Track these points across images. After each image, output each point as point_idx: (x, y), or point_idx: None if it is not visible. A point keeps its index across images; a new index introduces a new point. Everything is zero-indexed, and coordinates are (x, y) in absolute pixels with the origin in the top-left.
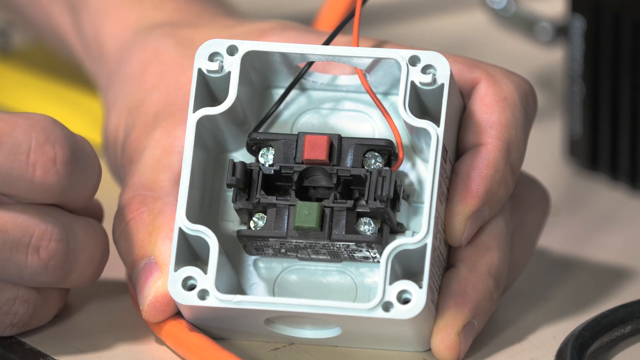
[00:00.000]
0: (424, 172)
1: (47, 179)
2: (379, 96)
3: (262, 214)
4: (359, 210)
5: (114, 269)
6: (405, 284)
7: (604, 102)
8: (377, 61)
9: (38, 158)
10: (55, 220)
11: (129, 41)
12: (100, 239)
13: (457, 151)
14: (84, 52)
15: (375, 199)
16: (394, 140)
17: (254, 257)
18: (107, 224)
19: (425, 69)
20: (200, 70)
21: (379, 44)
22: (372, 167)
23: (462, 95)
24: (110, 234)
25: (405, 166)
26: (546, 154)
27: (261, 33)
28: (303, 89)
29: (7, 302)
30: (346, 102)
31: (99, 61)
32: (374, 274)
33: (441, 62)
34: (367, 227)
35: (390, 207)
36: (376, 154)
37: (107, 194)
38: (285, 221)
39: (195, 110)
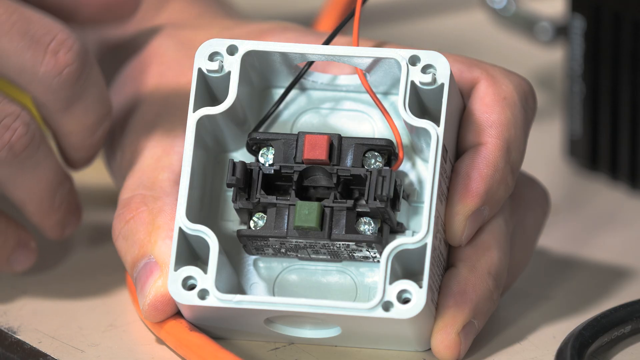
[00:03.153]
0: (424, 171)
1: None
2: (379, 96)
3: (262, 214)
4: (359, 210)
5: (114, 269)
6: (405, 284)
7: (604, 102)
8: (377, 61)
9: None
10: (78, 37)
11: (129, 42)
12: (107, 99)
13: (457, 151)
14: None
15: (375, 199)
16: (394, 140)
17: (254, 257)
18: (107, 223)
19: (425, 69)
20: (200, 70)
21: (379, 45)
22: (372, 166)
23: (462, 94)
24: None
25: (405, 166)
26: (546, 154)
27: (261, 34)
28: (303, 89)
29: (10, 115)
30: (346, 102)
31: (99, 61)
32: (374, 274)
33: (441, 61)
34: (367, 226)
35: (390, 206)
36: (376, 153)
37: (107, 193)
38: (285, 221)
39: (195, 110)
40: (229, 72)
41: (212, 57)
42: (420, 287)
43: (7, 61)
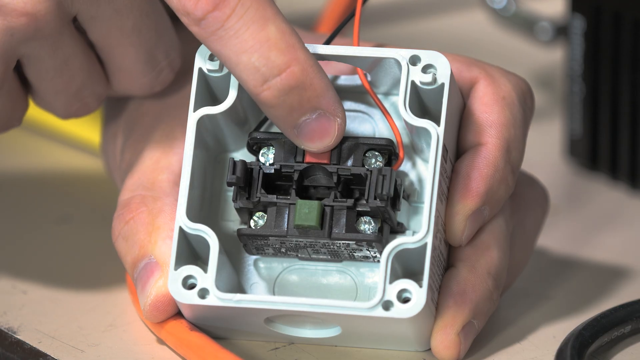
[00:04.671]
0: (424, 171)
1: None
2: (379, 96)
3: (263, 213)
4: (359, 209)
5: (114, 269)
6: (406, 283)
7: (604, 102)
8: (377, 61)
9: None
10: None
11: None
12: None
13: (457, 150)
14: None
15: (375, 198)
16: (394, 140)
17: (254, 257)
18: (107, 224)
19: (425, 69)
20: (200, 70)
21: (379, 46)
22: (372, 166)
23: (461, 94)
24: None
25: (405, 166)
26: (546, 154)
27: None
28: None
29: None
30: (346, 102)
31: None
32: (374, 274)
33: (441, 61)
34: (367, 226)
35: (390, 206)
36: (377, 153)
37: (107, 194)
38: (286, 220)
39: (195, 109)
40: (230, 72)
41: (212, 56)
42: (421, 286)
43: (123, 59)
